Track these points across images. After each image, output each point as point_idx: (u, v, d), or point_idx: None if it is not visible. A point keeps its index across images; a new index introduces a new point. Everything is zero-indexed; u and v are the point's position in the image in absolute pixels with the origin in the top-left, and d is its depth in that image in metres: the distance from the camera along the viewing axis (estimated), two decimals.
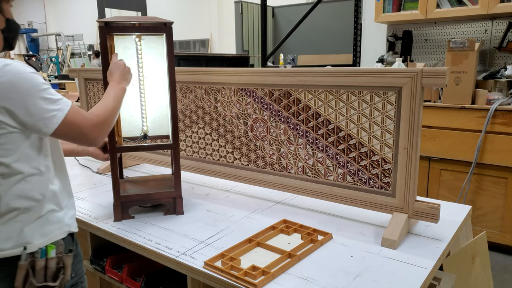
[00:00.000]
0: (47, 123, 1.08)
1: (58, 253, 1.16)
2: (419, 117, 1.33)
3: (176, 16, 10.51)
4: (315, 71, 1.53)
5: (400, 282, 1.14)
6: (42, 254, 1.13)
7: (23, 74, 1.05)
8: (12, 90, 1.03)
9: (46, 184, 1.16)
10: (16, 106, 1.04)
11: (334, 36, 5.95)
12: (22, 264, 1.10)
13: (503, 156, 2.77)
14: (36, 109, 1.06)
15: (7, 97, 1.03)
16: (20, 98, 1.04)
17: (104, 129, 1.21)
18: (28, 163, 1.11)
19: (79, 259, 1.30)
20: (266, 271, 1.16)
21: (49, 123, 1.08)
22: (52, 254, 1.14)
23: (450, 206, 1.68)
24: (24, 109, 1.05)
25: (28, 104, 1.05)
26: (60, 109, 1.10)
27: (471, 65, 2.86)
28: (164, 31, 1.56)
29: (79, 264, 1.29)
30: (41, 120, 1.07)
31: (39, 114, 1.07)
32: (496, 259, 2.87)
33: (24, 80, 1.05)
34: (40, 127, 1.08)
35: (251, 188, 1.87)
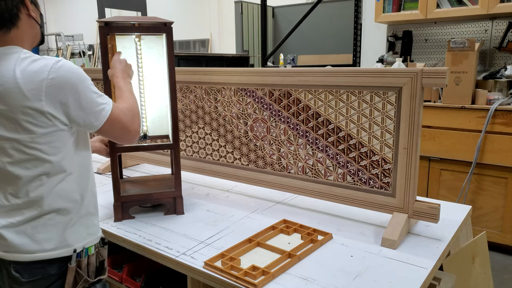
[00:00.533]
0: (97, 116, 1.12)
1: (96, 248, 1.21)
2: (419, 117, 1.33)
3: (176, 16, 10.51)
4: (315, 71, 1.53)
5: (400, 282, 1.14)
6: (86, 253, 1.16)
7: (74, 70, 1.09)
8: (66, 85, 1.06)
9: (85, 185, 1.19)
10: (70, 100, 1.07)
11: (334, 36, 5.95)
12: (72, 266, 1.13)
13: (503, 156, 2.77)
14: (87, 103, 1.10)
15: (62, 92, 1.06)
16: (74, 93, 1.08)
17: (139, 121, 1.26)
18: (71, 162, 1.14)
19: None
20: (266, 271, 1.16)
21: (99, 117, 1.13)
22: (92, 251, 1.19)
23: (450, 206, 1.68)
24: (78, 103, 1.09)
25: (81, 98, 1.09)
26: (107, 103, 1.15)
27: (471, 65, 2.86)
28: (164, 31, 1.56)
29: None
30: (92, 114, 1.11)
31: (91, 108, 1.11)
32: (496, 259, 2.87)
33: (76, 75, 1.09)
34: (91, 120, 1.12)
35: (251, 188, 1.87)
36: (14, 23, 1.10)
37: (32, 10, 1.14)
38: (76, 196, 1.16)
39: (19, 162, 1.08)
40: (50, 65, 1.06)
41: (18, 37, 1.12)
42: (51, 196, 1.11)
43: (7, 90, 1.03)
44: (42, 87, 1.04)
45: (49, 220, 1.11)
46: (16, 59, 1.06)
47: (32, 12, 1.14)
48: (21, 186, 1.09)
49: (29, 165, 1.08)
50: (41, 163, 1.09)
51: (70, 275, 1.13)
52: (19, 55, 1.08)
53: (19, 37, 1.12)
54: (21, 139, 1.06)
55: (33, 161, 1.08)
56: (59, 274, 1.13)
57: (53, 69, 1.05)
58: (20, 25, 1.12)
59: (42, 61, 1.06)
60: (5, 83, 1.04)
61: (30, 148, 1.07)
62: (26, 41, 1.14)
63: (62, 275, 1.13)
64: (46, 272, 1.11)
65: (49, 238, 1.11)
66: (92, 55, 12.38)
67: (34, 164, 1.09)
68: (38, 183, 1.10)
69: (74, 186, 1.15)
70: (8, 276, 1.11)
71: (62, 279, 1.13)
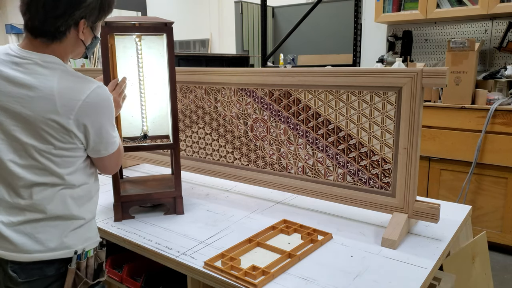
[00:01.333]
0: (107, 147, 1.17)
1: (95, 251, 1.21)
2: (419, 117, 1.33)
3: (176, 16, 10.50)
4: (315, 71, 1.53)
5: (400, 282, 1.14)
6: (85, 255, 1.17)
7: (108, 100, 1.13)
8: (97, 112, 1.10)
9: (89, 198, 1.20)
10: (93, 126, 1.11)
11: (334, 36, 5.94)
12: (71, 268, 1.13)
13: (503, 156, 2.77)
14: (105, 133, 1.14)
15: (90, 117, 1.09)
16: (99, 121, 1.11)
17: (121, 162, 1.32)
18: (78, 178, 1.15)
19: None
20: (266, 271, 1.16)
21: (109, 148, 1.18)
22: (91, 253, 1.19)
23: (450, 206, 1.68)
24: (98, 131, 1.12)
25: (102, 127, 1.13)
26: (117, 136, 1.21)
27: (471, 65, 2.86)
28: (164, 31, 1.56)
29: None
30: (104, 144, 1.16)
31: (106, 138, 1.15)
32: (496, 259, 2.87)
33: (107, 105, 1.13)
34: (100, 149, 1.16)
35: (251, 188, 1.87)
36: (58, 38, 1.09)
37: (84, 33, 1.13)
38: (80, 205, 1.16)
39: (28, 166, 1.08)
40: (91, 88, 1.08)
41: (59, 51, 1.12)
42: (54, 203, 1.11)
43: (40, 98, 1.04)
44: (76, 106, 1.06)
45: (51, 223, 1.12)
46: (60, 71, 1.08)
47: (82, 35, 1.13)
48: (24, 188, 1.09)
49: (38, 172, 1.09)
50: (49, 174, 1.10)
51: (69, 277, 1.12)
52: (65, 68, 1.09)
53: (60, 51, 1.12)
54: (37, 146, 1.07)
55: (42, 170, 1.09)
56: (56, 276, 1.13)
57: (92, 93, 1.08)
58: (64, 41, 1.11)
59: (84, 82, 1.09)
60: (40, 91, 1.05)
61: (43, 157, 1.08)
62: (65, 56, 1.14)
63: (59, 277, 1.13)
64: (43, 273, 1.11)
65: (49, 239, 1.11)
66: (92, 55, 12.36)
67: (42, 173, 1.09)
68: (42, 189, 1.10)
69: (78, 197, 1.16)
70: (4, 275, 1.11)
71: (59, 281, 1.13)
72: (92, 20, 1.13)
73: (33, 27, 1.07)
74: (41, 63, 1.07)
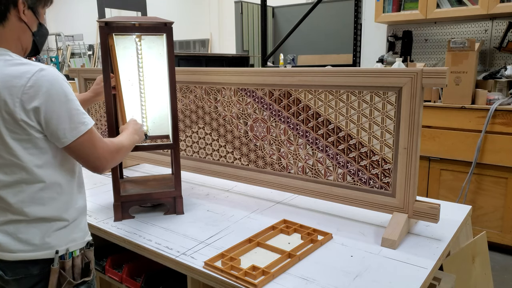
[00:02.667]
0: (66, 133, 1.07)
1: (81, 250, 1.19)
2: (419, 117, 1.33)
3: (176, 16, 10.51)
4: (315, 71, 1.53)
5: (400, 282, 1.14)
6: (69, 255, 1.15)
7: (57, 81, 1.05)
8: (44, 93, 1.03)
9: (70, 196, 1.17)
10: (45, 109, 1.04)
11: (334, 36, 5.94)
12: (54, 268, 1.12)
13: (503, 156, 2.77)
14: (60, 117, 1.06)
15: (38, 99, 1.03)
16: (49, 103, 1.04)
17: (114, 159, 1.22)
18: (51, 172, 1.11)
19: None
20: (266, 271, 1.16)
21: (68, 134, 1.08)
22: (77, 253, 1.17)
23: (450, 206, 1.68)
24: (50, 114, 1.05)
25: (55, 110, 1.05)
26: (84, 123, 1.10)
27: (471, 65, 2.86)
28: (164, 31, 1.56)
29: None
30: (61, 130, 1.07)
31: (62, 124, 1.06)
32: (496, 259, 2.87)
33: (57, 87, 1.05)
34: (59, 136, 1.07)
35: (251, 188, 1.87)
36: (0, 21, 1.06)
37: (26, 15, 1.10)
38: (60, 207, 1.14)
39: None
40: (32, 72, 1.03)
41: (4, 37, 1.08)
42: (32, 206, 1.10)
43: None
44: (19, 93, 1.02)
45: (32, 224, 1.11)
46: (2, 60, 1.05)
47: (24, 16, 1.10)
48: (1, 189, 1.08)
49: (7, 170, 1.07)
50: (18, 170, 1.07)
51: (53, 277, 1.12)
52: (10, 57, 1.06)
53: (4, 37, 1.08)
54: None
55: (11, 167, 1.07)
56: (42, 275, 1.12)
57: (34, 77, 1.03)
58: (7, 25, 1.08)
59: (25, 67, 1.04)
60: None
61: (7, 153, 1.06)
62: (12, 43, 1.10)
63: (44, 276, 1.13)
64: (29, 272, 1.11)
65: (32, 239, 1.11)
66: (92, 55, 12.37)
67: (12, 170, 1.07)
68: (18, 190, 1.09)
69: (56, 197, 1.13)
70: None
71: (45, 280, 1.13)
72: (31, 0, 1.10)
73: None
74: None
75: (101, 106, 2.40)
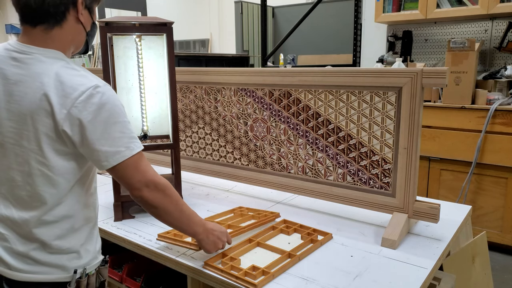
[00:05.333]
0: (107, 156, 1.01)
1: (96, 267, 1.15)
2: (419, 117, 1.33)
3: (176, 16, 10.50)
4: (315, 71, 1.53)
5: (400, 282, 1.14)
6: (85, 274, 1.11)
7: (112, 99, 1.01)
8: (93, 111, 0.98)
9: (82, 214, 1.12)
10: (89, 128, 0.98)
11: (334, 36, 5.94)
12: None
13: (503, 156, 2.77)
14: (108, 138, 1.00)
15: (86, 115, 0.98)
16: (100, 121, 0.99)
17: (155, 192, 1.08)
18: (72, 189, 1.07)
19: None
20: (266, 271, 1.16)
21: (110, 158, 1.01)
22: (92, 271, 1.13)
23: (450, 206, 1.68)
24: (97, 133, 0.99)
25: (105, 130, 1.00)
26: (129, 148, 1.03)
27: (471, 65, 2.86)
28: (164, 31, 1.56)
29: None
30: (105, 152, 1.01)
31: (108, 145, 1.00)
32: (496, 259, 2.86)
33: (111, 105, 1.00)
34: (100, 158, 1.01)
35: (251, 188, 1.87)
36: (58, 21, 1.02)
37: (83, 15, 1.06)
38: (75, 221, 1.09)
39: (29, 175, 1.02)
40: (87, 86, 0.98)
41: (60, 39, 1.04)
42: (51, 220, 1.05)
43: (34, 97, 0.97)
44: (69, 104, 0.97)
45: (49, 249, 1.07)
46: (59, 66, 1.00)
47: (81, 16, 1.05)
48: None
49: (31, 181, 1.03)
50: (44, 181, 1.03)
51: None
52: (64, 63, 1.02)
53: (61, 39, 1.04)
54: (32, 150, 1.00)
55: (37, 178, 1.02)
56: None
57: (88, 92, 0.98)
58: (65, 26, 1.03)
59: (81, 79, 0.99)
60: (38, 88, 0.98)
61: (37, 162, 1.02)
62: (68, 45, 1.07)
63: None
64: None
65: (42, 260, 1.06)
66: (92, 55, 12.36)
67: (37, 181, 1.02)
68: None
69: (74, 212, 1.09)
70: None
71: None
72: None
73: (30, 13, 1.00)
74: (43, 59, 1.00)
75: None
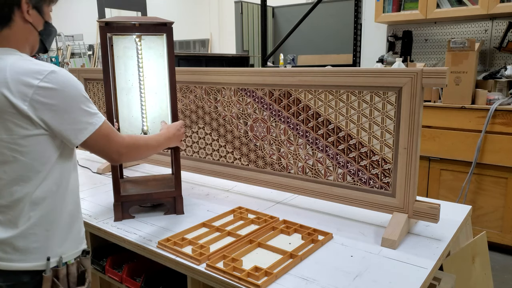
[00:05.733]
0: (77, 134, 1.10)
1: (77, 257, 1.17)
2: (419, 117, 1.33)
3: (176, 16, 10.51)
4: (315, 71, 1.53)
5: (400, 282, 1.14)
6: (63, 263, 1.13)
7: (69, 82, 1.07)
8: (53, 96, 1.04)
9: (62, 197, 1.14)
10: (52, 108, 1.04)
11: (334, 36, 5.95)
12: (47, 276, 1.09)
13: (503, 156, 2.77)
14: (71, 119, 1.08)
15: (47, 102, 1.04)
16: (61, 105, 1.05)
17: (129, 154, 1.26)
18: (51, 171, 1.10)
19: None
20: (269, 272, 1.15)
21: (79, 135, 1.10)
22: (72, 261, 1.15)
23: (450, 206, 1.68)
24: (61, 115, 1.06)
25: (67, 112, 1.07)
26: (93, 123, 1.12)
27: (471, 65, 2.86)
28: (164, 31, 1.56)
29: None
30: (73, 131, 1.09)
31: (73, 124, 1.08)
32: (496, 259, 2.87)
33: (72, 86, 1.07)
34: (70, 137, 1.09)
35: (251, 188, 1.87)
36: (5, 23, 1.07)
37: (31, 15, 1.10)
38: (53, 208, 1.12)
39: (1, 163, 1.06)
40: (44, 72, 1.04)
41: (12, 39, 1.09)
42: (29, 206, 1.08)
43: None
44: (30, 92, 1.02)
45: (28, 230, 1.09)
46: (13, 59, 1.05)
47: (29, 16, 1.10)
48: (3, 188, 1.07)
49: (7, 169, 1.06)
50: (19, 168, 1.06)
51: (45, 285, 1.09)
52: (18, 57, 1.07)
53: (13, 39, 1.09)
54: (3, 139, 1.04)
55: (12, 164, 1.06)
56: (33, 283, 1.10)
57: (46, 78, 1.03)
58: (13, 27, 1.09)
59: (37, 67, 1.05)
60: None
61: (10, 149, 1.05)
62: (22, 45, 1.12)
63: (37, 284, 1.10)
64: (20, 279, 1.09)
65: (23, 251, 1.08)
66: (92, 55, 12.36)
67: (12, 168, 1.06)
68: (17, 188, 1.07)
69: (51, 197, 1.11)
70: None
71: (38, 287, 1.10)
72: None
73: None
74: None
75: (101, 106, 2.40)
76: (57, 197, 1.13)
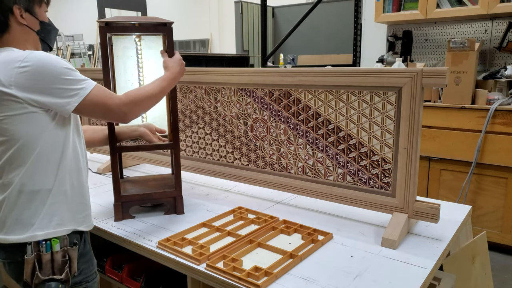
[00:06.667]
0: (69, 101, 1.14)
1: (63, 247, 1.19)
2: (419, 117, 1.33)
3: (176, 16, 10.51)
4: (315, 71, 1.53)
5: (400, 282, 1.14)
6: (48, 248, 1.16)
7: (48, 58, 1.13)
8: (35, 74, 1.10)
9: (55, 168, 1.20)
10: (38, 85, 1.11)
11: (334, 36, 5.95)
12: (28, 258, 1.13)
13: (503, 156, 2.77)
14: (59, 90, 1.13)
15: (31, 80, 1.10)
16: (44, 79, 1.11)
17: (133, 108, 1.26)
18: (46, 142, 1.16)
19: (87, 259, 1.30)
20: (269, 272, 1.15)
21: (71, 101, 1.15)
22: (56, 248, 1.18)
23: (450, 206, 1.68)
24: (48, 90, 1.12)
25: (52, 84, 1.12)
26: (82, 89, 1.16)
27: (471, 65, 2.86)
28: (164, 31, 1.56)
29: (85, 264, 1.28)
30: (64, 100, 1.14)
31: (62, 94, 1.13)
32: (496, 259, 2.87)
33: (49, 63, 1.12)
34: (62, 105, 1.14)
35: (251, 188, 1.87)
36: (4, 29, 1.17)
37: (25, 18, 1.19)
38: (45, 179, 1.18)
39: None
40: (24, 55, 1.11)
41: (11, 42, 1.18)
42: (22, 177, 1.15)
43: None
44: (13, 74, 1.09)
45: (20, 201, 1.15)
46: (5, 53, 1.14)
47: (23, 20, 1.18)
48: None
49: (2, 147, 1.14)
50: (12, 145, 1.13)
51: (27, 267, 1.14)
52: (10, 51, 1.14)
53: (12, 41, 1.18)
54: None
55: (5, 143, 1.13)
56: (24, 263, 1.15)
57: (25, 60, 1.10)
58: (11, 31, 1.18)
59: (19, 53, 1.13)
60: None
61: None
62: (21, 45, 1.19)
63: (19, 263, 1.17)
64: (14, 257, 1.16)
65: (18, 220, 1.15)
66: (92, 55, 12.36)
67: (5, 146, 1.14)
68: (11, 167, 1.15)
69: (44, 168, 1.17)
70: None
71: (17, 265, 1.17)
72: (23, 3, 1.17)
73: None
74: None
75: None
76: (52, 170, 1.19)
